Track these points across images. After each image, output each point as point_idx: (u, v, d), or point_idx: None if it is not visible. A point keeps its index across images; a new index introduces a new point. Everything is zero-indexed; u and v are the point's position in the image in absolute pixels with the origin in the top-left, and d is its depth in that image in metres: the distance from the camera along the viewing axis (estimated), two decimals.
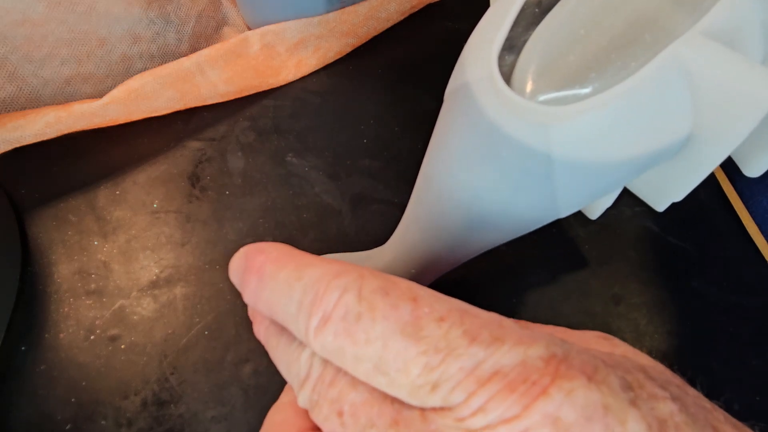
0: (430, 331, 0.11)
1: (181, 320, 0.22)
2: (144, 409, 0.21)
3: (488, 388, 0.11)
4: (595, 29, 0.16)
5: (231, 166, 0.26)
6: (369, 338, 0.11)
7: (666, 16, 0.16)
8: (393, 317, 0.12)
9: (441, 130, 0.19)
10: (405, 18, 0.31)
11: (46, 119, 0.24)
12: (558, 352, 0.11)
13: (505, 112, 0.15)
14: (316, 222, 0.25)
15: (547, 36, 0.17)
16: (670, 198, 0.18)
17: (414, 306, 0.12)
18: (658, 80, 0.14)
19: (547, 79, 0.16)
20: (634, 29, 0.16)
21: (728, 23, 0.14)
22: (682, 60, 0.14)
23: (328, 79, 0.29)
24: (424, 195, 0.19)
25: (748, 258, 0.25)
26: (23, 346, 0.22)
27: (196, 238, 0.24)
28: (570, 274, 0.24)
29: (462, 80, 0.17)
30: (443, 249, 0.19)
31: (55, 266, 0.23)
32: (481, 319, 0.12)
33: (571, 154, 0.15)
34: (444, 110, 0.19)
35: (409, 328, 0.11)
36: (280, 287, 0.13)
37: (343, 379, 0.12)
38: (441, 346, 0.11)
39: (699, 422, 0.11)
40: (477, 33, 0.18)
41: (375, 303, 0.12)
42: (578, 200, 0.17)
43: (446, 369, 0.11)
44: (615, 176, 0.16)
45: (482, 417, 0.11)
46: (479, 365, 0.11)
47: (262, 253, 0.14)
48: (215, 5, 0.29)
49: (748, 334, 0.23)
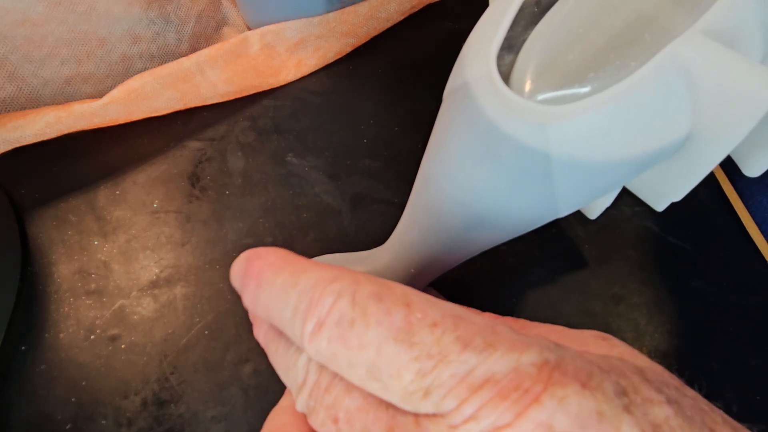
0: (422, 337, 0.11)
1: (181, 320, 0.22)
2: (144, 408, 0.21)
3: (480, 395, 0.11)
4: (593, 28, 0.16)
5: (231, 166, 0.26)
6: (362, 344, 0.12)
7: (665, 15, 0.16)
8: (386, 323, 0.12)
9: (440, 130, 0.19)
10: (405, 18, 0.31)
11: (46, 119, 0.24)
12: (551, 359, 0.11)
13: (504, 112, 0.15)
14: (316, 222, 0.25)
15: (546, 35, 0.17)
16: (670, 198, 0.18)
17: (407, 311, 0.12)
18: (657, 79, 0.14)
19: (545, 78, 0.16)
20: (633, 29, 0.16)
21: (728, 23, 0.14)
22: (681, 59, 0.14)
23: (328, 79, 0.29)
24: (423, 195, 0.19)
25: (748, 258, 0.25)
26: (23, 346, 0.22)
27: (196, 238, 0.24)
28: (570, 274, 0.24)
29: (461, 80, 0.17)
30: (442, 249, 0.19)
31: (55, 266, 0.23)
32: (474, 324, 0.12)
33: (570, 152, 0.15)
34: (443, 110, 0.19)
35: (401, 334, 0.11)
36: (276, 293, 0.13)
37: (338, 384, 0.13)
38: (433, 353, 0.11)
39: (695, 425, 0.11)
40: (476, 32, 0.18)
41: (368, 308, 0.12)
42: (577, 199, 0.17)
43: (438, 375, 0.11)
44: (614, 175, 0.16)
45: (474, 425, 0.11)
46: (471, 372, 0.11)
47: (260, 259, 0.14)
48: (215, 5, 0.29)
49: (748, 334, 0.23)
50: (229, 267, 0.24)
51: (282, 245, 0.24)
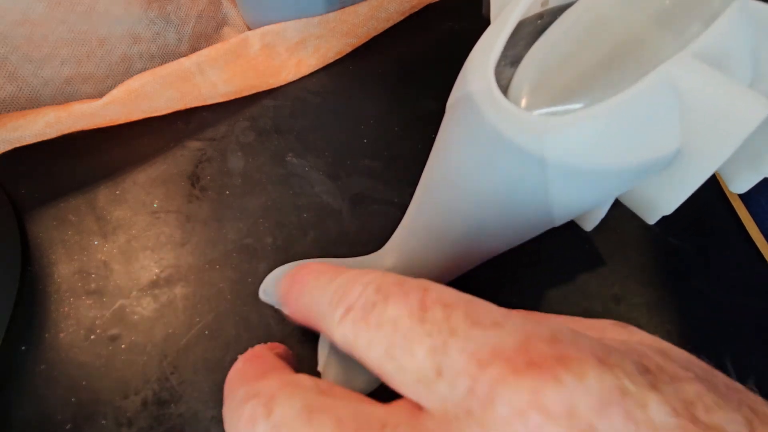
0: (434, 314, 0.12)
1: (181, 320, 0.22)
2: (144, 408, 0.21)
3: (489, 371, 0.10)
4: (586, 49, 0.17)
5: (231, 166, 0.26)
6: (380, 322, 0.12)
7: (653, 38, 0.17)
8: (403, 303, 0.12)
9: (442, 139, 0.19)
10: (405, 18, 0.31)
11: (46, 119, 0.24)
12: (564, 337, 0.11)
13: (503, 122, 0.16)
14: (316, 222, 0.25)
15: (542, 54, 0.18)
16: (660, 211, 0.19)
17: (424, 294, 0.12)
18: (649, 96, 0.15)
19: (540, 94, 0.17)
20: (623, 50, 0.17)
21: (719, 48, 0.15)
22: (673, 79, 0.14)
23: (328, 79, 0.29)
24: (425, 203, 0.20)
25: (748, 258, 0.25)
26: (23, 346, 0.22)
27: (196, 238, 0.24)
28: (570, 274, 0.24)
29: (463, 91, 0.17)
30: (444, 257, 0.20)
31: (55, 266, 0.23)
32: (486, 307, 0.12)
33: (565, 162, 0.15)
34: (445, 120, 0.19)
35: (416, 311, 0.12)
36: (317, 291, 0.15)
37: None
38: (443, 328, 0.11)
39: (732, 403, 0.10)
40: (478, 47, 0.19)
41: (389, 292, 0.13)
42: (571, 208, 0.17)
43: (448, 352, 0.11)
44: (606, 185, 0.16)
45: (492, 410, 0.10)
46: (480, 347, 0.11)
47: (305, 268, 0.16)
48: (215, 5, 0.29)
49: (749, 334, 0.23)
50: (229, 267, 0.24)
51: (282, 245, 0.24)
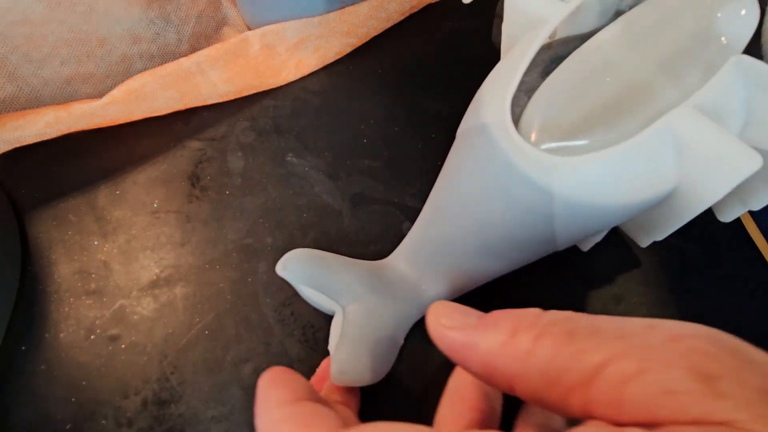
0: None
1: (181, 320, 0.22)
2: (144, 408, 0.21)
3: None
4: (592, 90, 0.19)
5: (231, 166, 0.26)
6: None
7: (654, 83, 0.19)
8: None
9: (454, 165, 0.21)
10: (405, 18, 0.31)
11: (46, 119, 0.24)
12: None
13: (516, 156, 0.17)
14: (316, 222, 0.25)
15: (551, 92, 0.19)
16: (653, 237, 0.20)
17: None
18: (652, 143, 0.16)
19: (548, 131, 0.19)
20: (626, 93, 0.19)
21: (718, 100, 0.16)
22: (675, 128, 0.16)
23: (328, 79, 0.29)
24: (436, 219, 0.21)
25: (749, 258, 0.24)
26: (23, 346, 0.22)
27: (196, 238, 0.24)
28: (570, 274, 0.24)
29: (477, 122, 0.19)
30: (451, 271, 0.21)
31: (55, 266, 0.23)
32: None
33: (572, 197, 0.17)
34: (458, 146, 0.21)
35: None
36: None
37: None
38: None
39: None
40: (492, 77, 0.20)
41: None
42: (574, 236, 0.19)
43: None
44: (607, 218, 0.18)
45: None
46: None
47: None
48: (215, 5, 0.29)
49: (749, 334, 0.23)
50: (229, 267, 0.24)
51: (282, 245, 0.24)
